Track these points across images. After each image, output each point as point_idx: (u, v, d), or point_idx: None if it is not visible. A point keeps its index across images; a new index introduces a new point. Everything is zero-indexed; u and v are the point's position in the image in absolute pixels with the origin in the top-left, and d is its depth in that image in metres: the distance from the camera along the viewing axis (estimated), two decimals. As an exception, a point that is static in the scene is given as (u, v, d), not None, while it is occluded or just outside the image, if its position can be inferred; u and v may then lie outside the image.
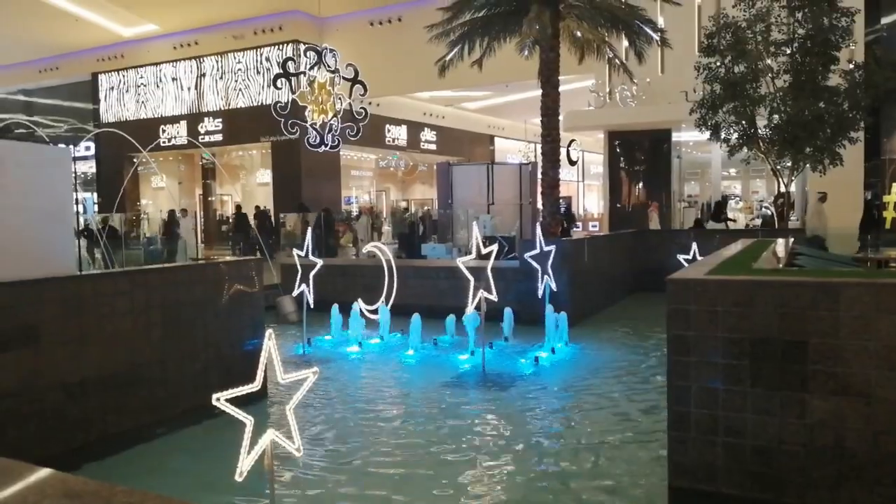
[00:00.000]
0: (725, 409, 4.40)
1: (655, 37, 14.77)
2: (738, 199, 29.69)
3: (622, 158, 22.26)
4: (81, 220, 18.36)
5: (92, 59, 29.56)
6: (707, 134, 15.11)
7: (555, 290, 10.42)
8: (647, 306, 13.02)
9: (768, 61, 14.27)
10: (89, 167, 31.25)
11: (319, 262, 10.46)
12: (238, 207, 25.35)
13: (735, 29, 14.10)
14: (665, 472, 4.75)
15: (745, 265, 5.42)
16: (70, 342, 5.67)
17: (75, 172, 24.60)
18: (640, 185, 22.10)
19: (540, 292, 10.31)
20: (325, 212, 19.57)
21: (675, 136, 21.92)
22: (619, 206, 21.90)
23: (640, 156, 22.15)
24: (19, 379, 5.29)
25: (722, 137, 14.86)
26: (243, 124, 26.14)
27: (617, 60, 15.56)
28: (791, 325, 4.21)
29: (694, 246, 11.26)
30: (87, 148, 30.60)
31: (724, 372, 4.39)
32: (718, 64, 14.39)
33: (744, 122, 14.51)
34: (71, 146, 24.53)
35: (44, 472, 1.98)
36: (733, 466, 4.40)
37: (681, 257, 11.02)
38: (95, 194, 30.75)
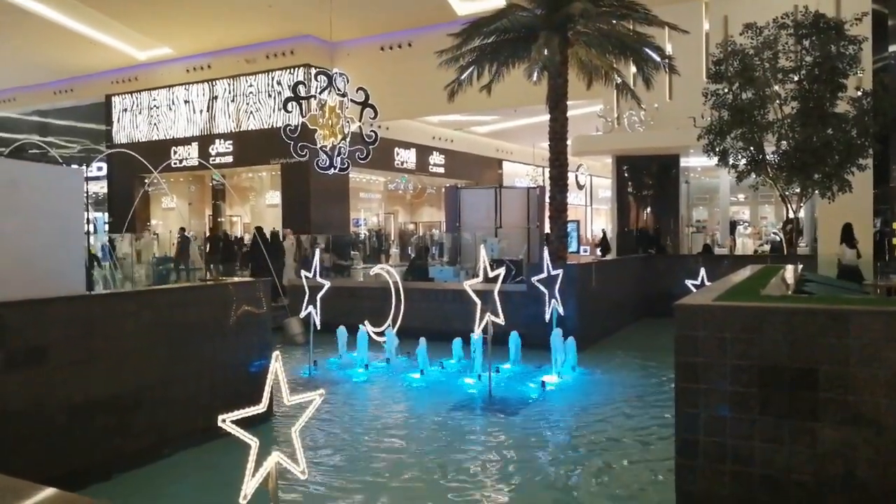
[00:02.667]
0: (734, 436, 4.36)
1: (663, 63, 14.86)
2: (746, 224, 29.62)
3: (630, 183, 22.27)
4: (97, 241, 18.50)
5: (106, 81, 29.96)
6: (715, 160, 15.13)
7: (562, 314, 10.39)
8: (655, 332, 12.96)
9: (776, 88, 14.32)
10: (101, 187, 31.53)
11: (327, 284, 10.49)
12: (182, 230, 25.59)
13: (742, 56, 14.18)
14: (673, 501, 4.70)
15: (754, 292, 5.40)
16: (77, 362, 5.68)
17: (87, 193, 24.82)
18: (648, 209, 22.09)
19: (547, 316, 10.29)
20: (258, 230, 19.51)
21: (684, 162, 21.94)
22: (627, 230, 21.87)
23: (648, 180, 22.16)
24: (27, 399, 5.30)
25: (730, 163, 14.88)
26: (254, 146, 26.36)
27: (625, 86, 15.66)
28: (800, 352, 4.19)
29: (702, 271, 11.21)
30: (100, 168, 30.88)
31: (732, 399, 4.36)
32: (726, 90, 14.46)
33: (752, 148, 14.53)
34: (83, 167, 24.84)
35: (50, 492, 1.98)
36: (742, 495, 4.34)
37: (689, 283, 10.97)
38: (107, 214, 30.98)
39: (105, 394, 5.89)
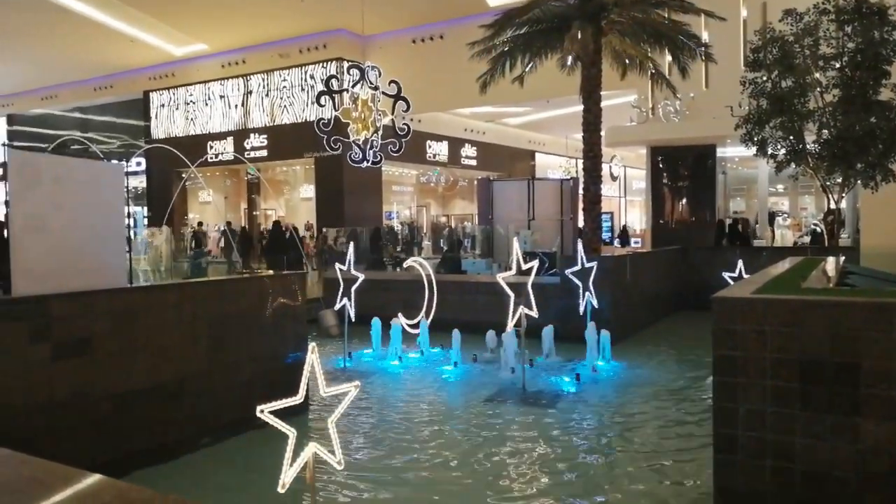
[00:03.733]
0: (773, 431, 4.29)
1: (700, 52, 14.59)
2: (785, 215, 28.98)
3: (665, 174, 21.93)
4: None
5: (144, 77, 30.51)
6: (753, 149, 14.83)
7: (596, 306, 10.32)
8: (692, 325, 12.79)
9: (817, 75, 13.96)
10: (140, 182, 32.16)
11: (361, 277, 10.57)
12: (200, 224, 26.18)
13: (782, 43, 13.84)
14: (710, 497, 4.65)
15: (794, 284, 5.30)
16: (120, 353, 5.83)
17: (127, 187, 25.39)
18: (684, 201, 21.74)
19: (581, 309, 10.22)
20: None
21: (720, 152, 21.52)
22: (661, 222, 21.57)
23: (683, 171, 21.79)
24: (74, 388, 5.47)
25: (769, 153, 14.57)
26: (287, 140, 26.61)
27: (660, 75, 15.41)
28: (843, 346, 4.10)
29: (740, 264, 11.02)
30: (139, 163, 31.48)
31: (772, 394, 4.29)
32: (765, 78, 14.14)
33: (791, 137, 14.20)
34: (123, 162, 25.37)
35: (99, 479, 2.05)
36: (782, 491, 4.28)
37: (726, 275, 10.80)
38: (146, 208, 31.61)
39: (147, 384, 6.04)
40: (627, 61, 15.05)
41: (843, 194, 15.15)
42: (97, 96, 32.50)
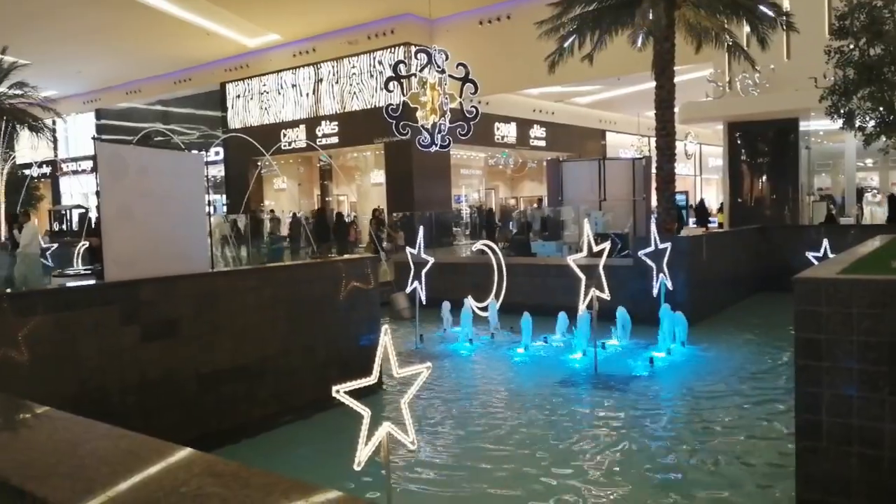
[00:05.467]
0: (861, 417, 4.11)
1: (780, 21, 13.91)
2: (874, 191, 27.43)
3: (743, 151, 21.08)
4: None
5: (220, 69, 31.53)
6: (839, 122, 14.07)
7: (670, 288, 10.07)
8: (772, 307, 12.34)
9: (910, 42, 13.09)
10: (219, 171, 33.33)
11: (431, 260, 10.67)
12: (255, 212, 26.69)
13: (870, 9, 13.03)
14: (792, 484, 4.50)
15: (884, 264, 5.03)
16: (204, 335, 6.11)
17: (207, 176, 26.30)
18: (764, 178, 20.87)
19: (655, 291, 10.01)
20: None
21: (803, 126, 20.51)
22: (739, 200, 20.79)
23: (763, 147, 20.88)
24: (161, 369, 5.77)
25: (856, 126, 13.80)
26: (358, 127, 26.99)
27: (737, 47, 14.78)
28: (938, 329, 3.88)
29: (825, 243, 10.53)
30: (217, 153, 32.59)
31: (859, 378, 4.11)
32: (852, 47, 13.36)
33: (881, 108, 13.39)
34: (203, 152, 26.34)
35: (189, 452, 2.17)
36: (870, 478, 4.10)
37: (810, 255, 10.34)
38: (224, 196, 32.76)
39: (230, 364, 6.31)
40: (702, 34, 14.50)
41: (940, 168, 14.22)
42: (177, 89, 33.81)
